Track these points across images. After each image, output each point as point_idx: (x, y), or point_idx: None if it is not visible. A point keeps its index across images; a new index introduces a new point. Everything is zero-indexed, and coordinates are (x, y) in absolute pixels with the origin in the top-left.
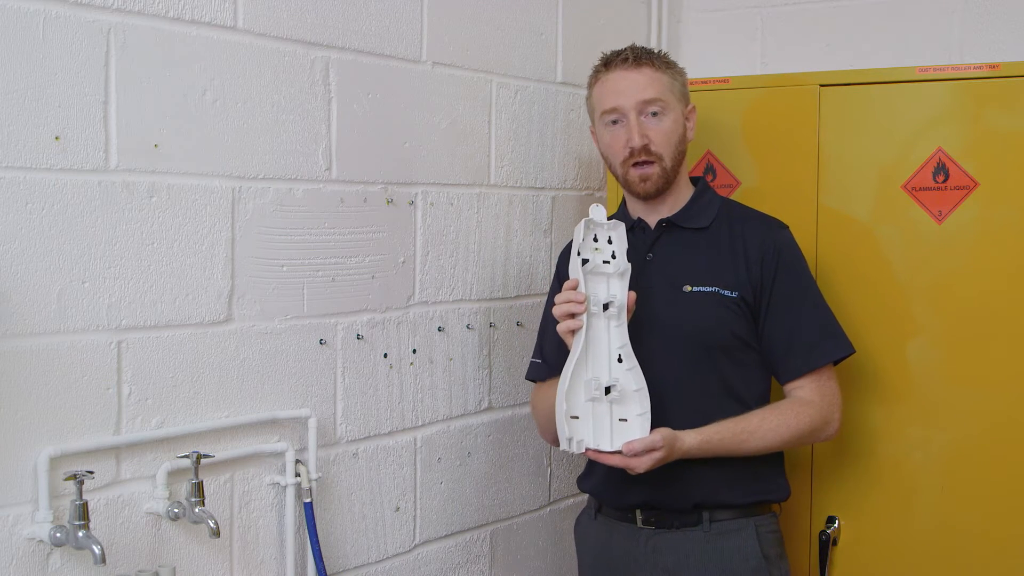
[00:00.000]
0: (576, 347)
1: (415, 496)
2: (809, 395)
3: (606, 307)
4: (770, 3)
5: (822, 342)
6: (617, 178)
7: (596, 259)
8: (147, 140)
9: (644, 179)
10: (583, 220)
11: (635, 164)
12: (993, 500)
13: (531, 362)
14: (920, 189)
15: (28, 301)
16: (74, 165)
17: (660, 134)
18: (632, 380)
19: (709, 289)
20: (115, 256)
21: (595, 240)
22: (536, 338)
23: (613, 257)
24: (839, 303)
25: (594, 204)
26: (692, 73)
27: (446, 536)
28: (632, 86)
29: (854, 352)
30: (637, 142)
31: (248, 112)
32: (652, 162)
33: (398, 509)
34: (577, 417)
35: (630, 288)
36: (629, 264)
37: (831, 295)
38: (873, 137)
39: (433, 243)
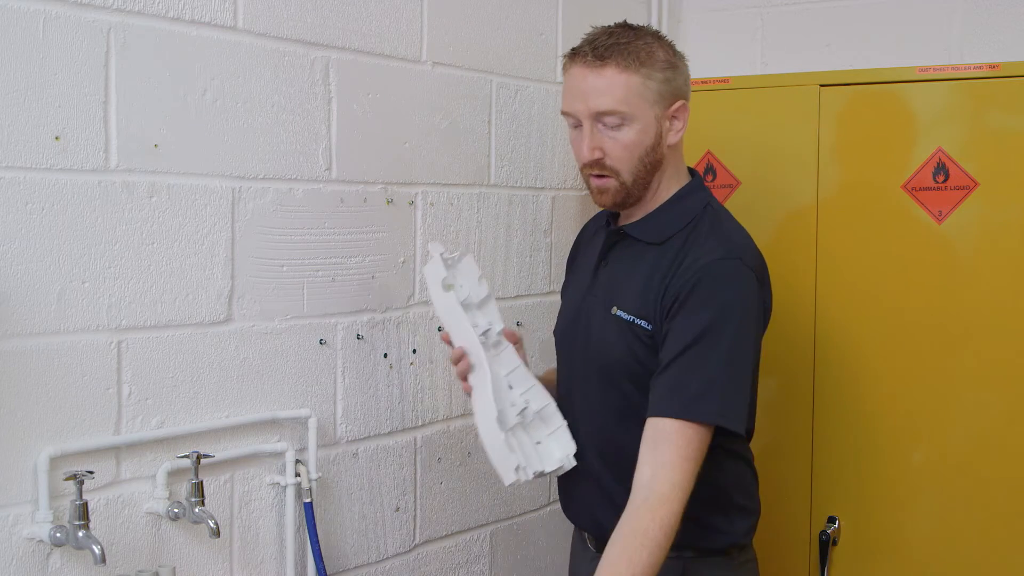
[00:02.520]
0: (484, 385)
1: (415, 496)
2: (659, 479)
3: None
4: (770, 3)
5: (698, 397)
6: None
7: (455, 297)
8: (147, 140)
9: (601, 191)
10: (428, 262)
11: (591, 175)
12: (993, 500)
13: None
14: (920, 189)
15: (28, 301)
16: (74, 165)
17: (617, 147)
18: (534, 400)
19: (627, 318)
20: (115, 256)
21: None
22: None
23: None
24: (838, 304)
25: (431, 241)
26: (692, 73)
27: (446, 536)
28: (588, 91)
29: (740, 434)
30: (587, 156)
31: (248, 112)
32: (608, 176)
33: (398, 509)
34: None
35: (586, 297)
36: (485, 289)
37: (831, 295)
38: (873, 137)
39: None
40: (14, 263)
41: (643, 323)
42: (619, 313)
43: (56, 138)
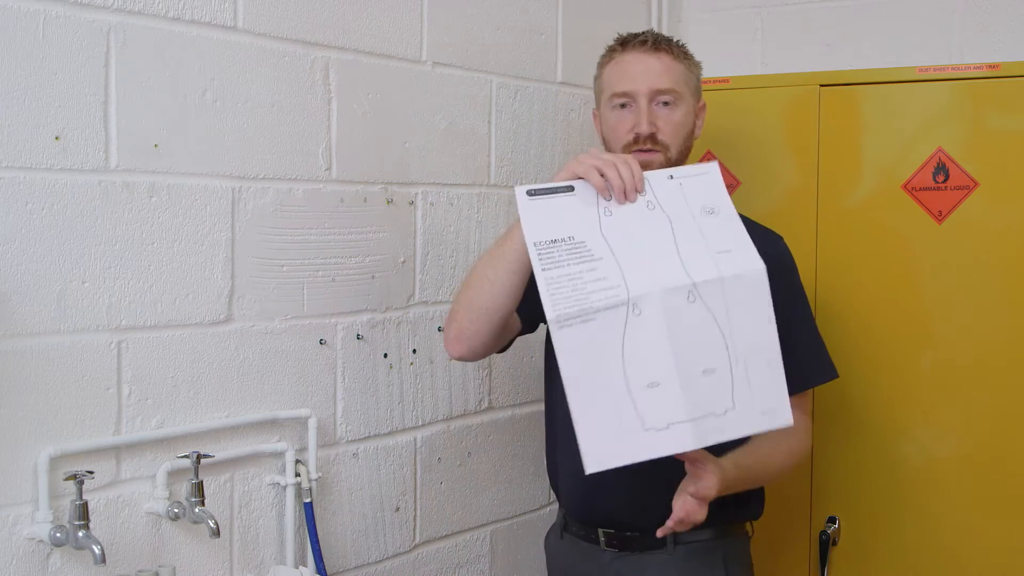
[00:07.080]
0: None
1: (415, 496)
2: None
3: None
4: (770, 3)
5: (812, 364)
6: None
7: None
8: (147, 140)
9: (646, 166)
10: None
11: (638, 150)
12: (992, 500)
13: None
14: (920, 189)
15: (28, 301)
16: (74, 165)
17: (670, 124)
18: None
19: None
20: (115, 256)
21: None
22: None
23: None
24: (839, 303)
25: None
26: None
27: (446, 536)
28: (647, 71)
29: (837, 377)
30: (645, 129)
31: (248, 112)
32: (657, 151)
33: (398, 509)
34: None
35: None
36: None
37: (831, 295)
38: (873, 137)
39: (433, 243)
40: (14, 263)
41: None
42: None
43: (56, 138)
